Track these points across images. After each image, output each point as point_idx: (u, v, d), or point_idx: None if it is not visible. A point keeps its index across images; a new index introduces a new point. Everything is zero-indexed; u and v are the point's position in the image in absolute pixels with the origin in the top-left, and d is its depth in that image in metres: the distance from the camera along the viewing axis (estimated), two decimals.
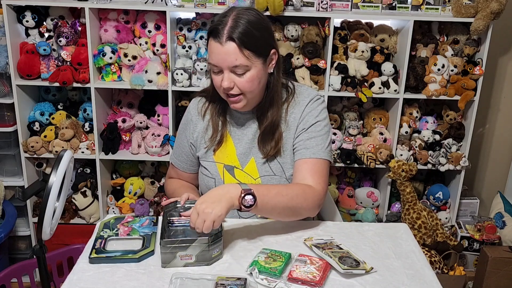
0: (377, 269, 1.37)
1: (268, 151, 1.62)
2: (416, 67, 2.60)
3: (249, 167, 1.65)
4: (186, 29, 2.63)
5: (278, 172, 1.64)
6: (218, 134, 1.67)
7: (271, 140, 1.61)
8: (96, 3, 2.47)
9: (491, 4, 2.45)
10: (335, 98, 2.78)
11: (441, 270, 2.59)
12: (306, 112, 1.63)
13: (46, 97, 2.78)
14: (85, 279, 1.31)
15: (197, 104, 1.73)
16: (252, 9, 1.57)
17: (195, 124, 1.72)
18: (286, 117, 1.64)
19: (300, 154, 1.60)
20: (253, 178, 1.64)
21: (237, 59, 1.47)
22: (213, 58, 1.50)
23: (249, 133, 1.66)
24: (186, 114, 1.76)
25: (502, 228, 2.85)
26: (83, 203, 2.78)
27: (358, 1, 2.56)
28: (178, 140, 1.79)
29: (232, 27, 1.46)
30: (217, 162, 1.68)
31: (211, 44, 1.50)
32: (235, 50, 1.46)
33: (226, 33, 1.46)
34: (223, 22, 1.48)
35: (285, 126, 1.64)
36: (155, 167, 2.93)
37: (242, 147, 1.66)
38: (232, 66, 1.48)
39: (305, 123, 1.62)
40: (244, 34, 1.46)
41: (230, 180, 1.65)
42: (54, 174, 1.43)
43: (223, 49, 1.47)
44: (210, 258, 1.36)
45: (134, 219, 1.56)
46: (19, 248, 2.89)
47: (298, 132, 1.62)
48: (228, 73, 1.50)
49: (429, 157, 2.69)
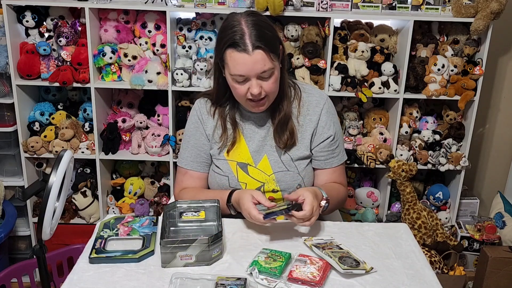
0: (377, 269, 1.37)
1: (286, 141, 1.65)
2: (416, 67, 2.60)
3: (262, 164, 1.68)
4: (186, 29, 2.63)
5: (291, 168, 1.67)
6: (230, 136, 1.68)
7: (286, 130, 1.66)
8: (96, 3, 2.47)
9: (491, 4, 2.45)
10: (335, 98, 2.78)
11: (441, 270, 2.59)
12: (326, 118, 1.69)
13: (46, 97, 2.78)
14: (85, 279, 1.32)
15: (204, 104, 1.73)
16: (254, 12, 1.61)
17: (206, 122, 1.72)
18: (298, 115, 1.68)
19: (329, 164, 1.73)
20: (267, 174, 1.67)
21: (265, 64, 1.50)
22: (239, 69, 1.50)
23: (261, 131, 1.69)
24: (194, 115, 1.74)
25: (502, 228, 2.85)
26: (83, 203, 2.78)
27: (358, 1, 2.56)
28: (192, 142, 1.74)
29: (253, 35, 1.48)
30: (230, 160, 1.69)
31: (233, 56, 1.49)
32: (263, 56, 1.49)
33: (250, 42, 1.47)
34: (238, 31, 1.48)
35: (297, 124, 1.68)
36: (155, 167, 2.93)
37: (254, 145, 1.69)
38: (260, 72, 1.50)
39: (328, 130, 1.69)
40: (266, 39, 1.50)
41: (243, 177, 1.67)
42: (54, 174, 1.43)
43: (251, 59, 1.48)
44: (210, 258, 1.36)
45: (134, 219, 1.56)
46: (19, 248, 2.88)
47: (322, 138, 1.69)
48: (255, 80, 1.51)
49: (429, 157, 2.69)
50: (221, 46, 1.53)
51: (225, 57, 1.52)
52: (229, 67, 1.52)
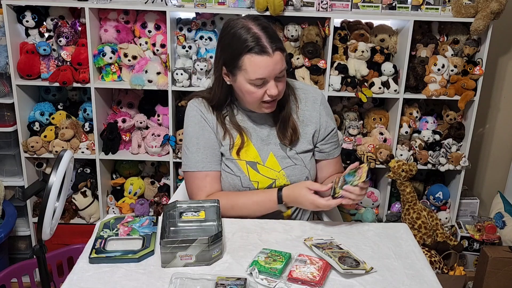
0: (377, 269, 1.37)
1: (290, 138, 1.68)
2: (416, 67, 2.60)
3: (270, 161, 1.69)
4: (186, 29, 2.63)
5: (298, 161, 1.70)
6: (235, 138, 1.68)
7: (288, 127, 1.68)
8: (96, 3, 2.47)
9: (491, 4, 2.45)
10: (335, 98, 2.78)
11: (441, 270, 2.59)
12: (325, 114, 1.74)
13: (46, 97, 2.78)
14: (85, 279, 1.32)
15: (202, 103, 1.71)
16: (255, 15, 1.63)
17: (209, 120, 1.69)
18: (297, 110, 1.72)
19: (333, 154, 1.79)
20: (276, 171, 1.68)
21: (283, 64, 1.55)
22: (261, 72, 1.51)
23: (265, 130, 1.70)
24: (194, 115, 1.69)
25: (502, 228, 2.85)
26: (83, 203, 2.78)
27: (358, 1, 2.56)
28: (202, 142, 1.67)
29: (268, 37, 1.51)
30: (239, 159, 1.68)
31: (254, 60, 1.50)
32: (281, 57, 1.53)
33: (269, 45, 1.50)
34: (253, 36, 1.50)
35: (297, 119, 1.71)
36: (155, 167, 2.93)
37: (259, 144, 1.70)
38: (279, 72, 1.54)
39: (328, 126, 1.74)
40: (279, 40, 1.55)
41: (255, 176, 1.68)
42: (54, 174, 1.43)
43: (272, 60, 1.51)
44: (210, 258, 1.36)
45: (134, 219, 1.56)
46: (19, 248, 2.88)
47: (326, 132, 1.74)
48: (273, 81, 1.54)
49: (429, 157, 2.69)
50: (236, 53, 1.52)
51: (243, 63, 1.51)
52: (248, 72, 1.52)
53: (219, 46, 1.61)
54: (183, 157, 1.72)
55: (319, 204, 1.55)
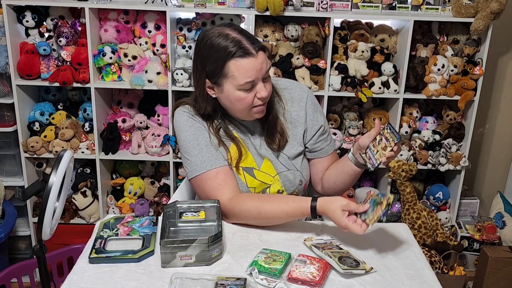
0: (377, 269, 1.37)
1: (278, 143, 1.65)
2: (416, 67, 2.60)
3: (265, 166, 1.67)
4: (186, 29, 2.63)
5: (290, 167, 1.68)
6: (231, 148, 1.64)
7: (276, 132, 1.66)
8: (96, 3, 2.47)
9: (491, 4, 2.45)
10: (335, 98, 2.78)
11: (441, 270, 2.59)
12: (313, 110, 1.70)
13: (46, 97, 2.78)
14: (85, 279, 1.32)
15: (191, 109, 1.64)
16: (228, 22, 1.66)
17: (202, 123, 1.63)
18: (284, 112, 1.68)
19: (325, 152, 1.75)
20: (271, 176, 1.67)
21: (267, 63, 1.53)
22: (249, 75, 1.48)
23: (256, 135, 1.68)
24: (186, 119, 1.62)
25: (502, 228, 2.85)
26: (83, 203, 2.78)
27: (358, 1, 2.56)
28: (202, 142, 1.60)
29: (249, 38, 1.49)
30: (235, 166, 1.65)
31: (240, 64, 1.46)
32: (264, 56, 1.51)
33: (251, 46, 1.48)
34: (234, 40, 1.47)
35: (285, 121, 1.68)
36: (155, 167, 2.93)
37: (253, 149, 1.68)
38: (265, 72, 1.52)
39: (317, 122, 1.71)
40: (258, 40, 1.53)
41: (252, 181, 1.65)
42: (54, 174, 1.43)
43: (258, 61, 1.49)
44: (210, 258, 1.36)
45: (134, 219, 1.56)
46: (19, 248, 2.89)
47: (313, 131, 1.70)
48: (261, 83, 1.52)
49: (429, 157, 2.69)
50: (219, 62, 1.48)
51: (229, 70, 1.48)
52: (236, 77, 1.48)
53: (198, 60, 1.54)
54: (186, 165, 1.61)
55: (354, 230, 1.39)
